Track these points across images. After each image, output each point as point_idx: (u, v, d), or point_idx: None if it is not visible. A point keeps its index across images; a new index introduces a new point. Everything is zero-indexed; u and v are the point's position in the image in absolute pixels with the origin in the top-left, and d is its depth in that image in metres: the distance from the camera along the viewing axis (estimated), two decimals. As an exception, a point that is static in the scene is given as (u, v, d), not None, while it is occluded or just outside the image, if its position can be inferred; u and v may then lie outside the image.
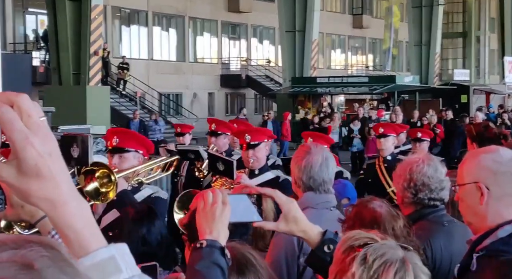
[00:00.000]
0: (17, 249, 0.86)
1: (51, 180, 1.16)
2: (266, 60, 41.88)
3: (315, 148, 3.69)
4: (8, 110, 1.11)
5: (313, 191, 3.59)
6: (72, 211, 1.21)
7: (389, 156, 7.75)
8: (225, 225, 2.13)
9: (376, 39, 50.58)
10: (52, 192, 1.17)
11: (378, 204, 2.97)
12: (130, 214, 3.70)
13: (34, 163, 1.13)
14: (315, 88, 29.78)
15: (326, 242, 2.21)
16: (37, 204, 1.18)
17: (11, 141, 1.12)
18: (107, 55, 28.47)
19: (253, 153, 5.74)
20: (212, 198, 2.14)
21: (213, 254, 2.08)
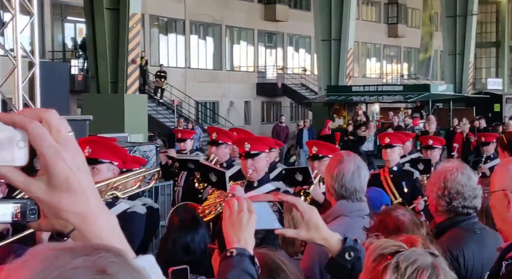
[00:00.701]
0: (88, 256, 0.87)
1: (81, 194, 1.17)
2: (302, 69, 41.88)
3: (347, 156, 3.69)
4: (38, 126, 1.13)
5: (345, 200, 3.59)
6: (103, 225, 1.22)
7: (395, 166, 7.49)
8: (252, 233, 2.14)
9: (411, 48, 50.28)
10: (82, 206, 1.18)
11: (402, 212, 2.97)
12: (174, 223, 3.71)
13: (65, 177, 1.15)
14: (350, 97, 29.69)
15: (347, 249, 2.23)
16: (67, 218, 1.19)
17: (42, 156, 1.14)
18: (144, 64, 28.72)
19: (252, 163, 5.47)
20: (238, 206, 2.14)
21: (244, 263, 2.08)
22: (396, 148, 7.50)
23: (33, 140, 1.12)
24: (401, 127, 21.08)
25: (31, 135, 1.12)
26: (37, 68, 11.66)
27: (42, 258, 0.84)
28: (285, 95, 39.19)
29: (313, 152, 6.31)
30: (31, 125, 1.12)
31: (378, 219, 3.00)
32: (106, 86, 19.96)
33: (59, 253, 0.85)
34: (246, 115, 38.78)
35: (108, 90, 19.99)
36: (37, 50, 11.79)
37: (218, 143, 7.06)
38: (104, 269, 0.86)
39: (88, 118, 13.42)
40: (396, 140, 7.57)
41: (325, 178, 3.74)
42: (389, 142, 7.46)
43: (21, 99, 11.33)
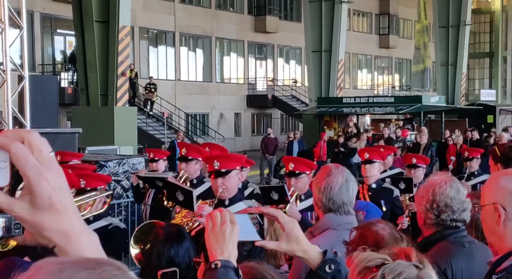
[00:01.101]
0: (92, 269, 0.89)
1: (64, 213, 1.19)
2: (292, 80, 41.96)
3: (335, 169, 3.70)
4: (20, 147, 1.14)
5: (333, 213, 3.60)
6: (85, 243, 1.24)
7: (374, 184, 7.11)
8: (235, 244, 2.15)
9: (403, 59, 50.48)
10: (65, 225, 1.20)
11: (382, 226, 2.99)
12: (159, 236, 3.72)
13: (48, 197, 1.16)
14: (341, 108, 29.73)
15: (327, 262, 2.24)
16: (50, 237, 1.20)
17: (25, 176, 1.15)
18: (134, 76, 28.74)
19: (222, 182, 5.19)
20: (221, 218, 2.15)
21: (228, 275, 2.08)
22: (376, 164, 7.13)
23: (16, 161, 1.14)
24: (392, 139, 21.13)
25: (13, 156, 1.13)
26: (27, 82, 11.65)
27: (47, 273, 0.85)
28: (276, 107, 39.24)
29: (289, 169, 6.09)
30: (14, 146, 1.14)
31: (358, 233, 3.01)
32: (96, 98, 19.95)
33: (63, 267, 0.87)
34: (236, 127, 38.79)
35: (98, 103, 19.98)
36: (27, 63, 11.78)
37: (187, 159, 6.79)
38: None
39: (78, 131, 13.42)
40: (376, 156, 7.18)
41: (313, 191, 3.76)
42: (368, 157, 7.08)
43: (11, 112, 11.32)
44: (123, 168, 10.94)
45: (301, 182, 6.00)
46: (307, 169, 6.04)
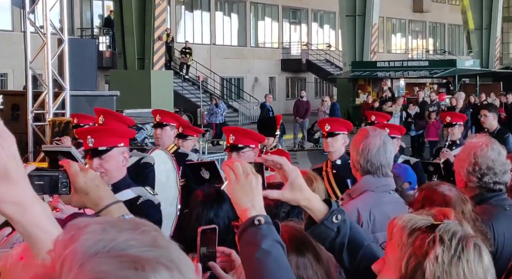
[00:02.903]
0: (133, 230, 0.83)
1: (19, 182, 1.12)
2: (326, 45, 41.60)
3: (373, 132, 3.63)
4: None
5: (371, 175, 3.54)
6: (41, 213, 1.19)
7: (339, 160, 5.92)
8: (262, 197, 2.00)
9: (437, 23, 49.67)
10: (20, 195, 1.14)
11: (447, 188, 2.93)
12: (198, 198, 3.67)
13: (4, 166, 1.09)
14: (375, 72, 29.46)
15: (334, 212, 2.11)
16: (4, 210, 1.14)
17: None
18: (170, 40, 28.71)
19: (100, 163, 3.95)
20: (243, 169, 1.98)
21: (273, 231, 1.95)
22: (340, 136, 5.90)
23: None
24: (426, 103, 20.86)
25: None
26: (66, 45, 11.71)
27: (92, 232, 0.80)
28: (310, 71, 39.01)
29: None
30: None
31: (422, 194, 2.94)
32: (133, 62, 20.02)
33: (105, 227, 0.81)
34: (271, 91, 38.67)
35: (135, 67, 20.05)
36: (66, 27, 11.84)
37: (162, 124, 6.51)
38: (155, 241, 0.83)
39: (116, 93, 13.47)
40: (339, 127, 5.99)
41: (351, 153, 3.69)
42: (329, 129, 5.88)
43: (51, 75, 11.39)
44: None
45: (245, 157, 5.50)
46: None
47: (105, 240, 0.78)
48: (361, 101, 27.10)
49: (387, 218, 3.08)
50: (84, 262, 0.76)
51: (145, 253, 0.79)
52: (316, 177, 3.59)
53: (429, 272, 1.75)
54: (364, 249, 2.11)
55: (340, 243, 2.08)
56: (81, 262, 0.76)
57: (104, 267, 0.76)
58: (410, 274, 1.79)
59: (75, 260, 0.76)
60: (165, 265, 0.79)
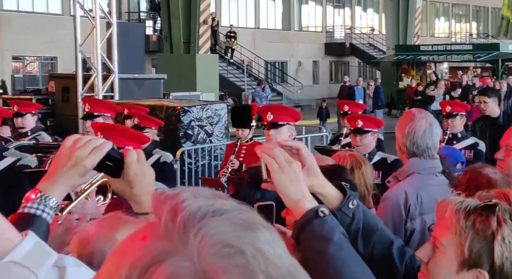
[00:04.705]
0: (215, 198, 0.82)
1: None
2: (370, 28, 41.18)
3: (419, 114, 3.59)
4: None
5: (417, 157, 3.50)
6: None
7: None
8: None
9: (480, 6, 48.76)
10: None
11: (492, 171, 2.89)
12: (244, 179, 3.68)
13: None
14: (418, 56, 29.09)
15: (350, 198, 1.99)
16: None
17: None
18: (215, 24, 28.74)
19: None
20: (284, 156, 1.86)
21: (337, 222, 1.83)
22: (285, 127, 5.25)
23: None
24: (469, 87, 20.54)
25: None
26: (115, 28, 11.80)
27: (187, 195, 0.80)
28: (353, 55, 38.71)
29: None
30: None
31: (466, 177, 2.90)
32: (179, 46, 20.07)
33: (193, 195, 0.80)
34: (314, 74, 38.51)
35: (181, 50, 20.10)
36: (114, 10, 11.92)
37: (93, 116, 6.04)
38: (240, 205, 0.82)
39: (163, 77, 13.57)
40: (283, 116, 5.30)
41: (397, 136, 3.65)
42: (272, 119, 5.19)
43: (100, 58, 11.51)
44: (206, 113, 10.96)
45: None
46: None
47: (205, 205, 0.78)
48: (405, 85, 26.81)
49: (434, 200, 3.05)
50: (198, 224, 0.75)
51: (242, 216, 0.79)
52: (365, 160, 3.57)
53: (498, 254, 1.73)
54: (378, 232, 2.03)
55: (355, 229, 1.98)
56: (197, 225, 0.76)
57: (220, 229, 0.75)
58: (475, 257, 1.76)
59: (191, 224, 0.76)
60: (262, 224, 0.79)
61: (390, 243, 2.04)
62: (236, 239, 0.75)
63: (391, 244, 2.04)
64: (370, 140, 5.50)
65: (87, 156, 1.76)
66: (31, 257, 1.19)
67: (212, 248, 0.74)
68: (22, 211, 1.73)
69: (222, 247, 0.74)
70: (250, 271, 0.72)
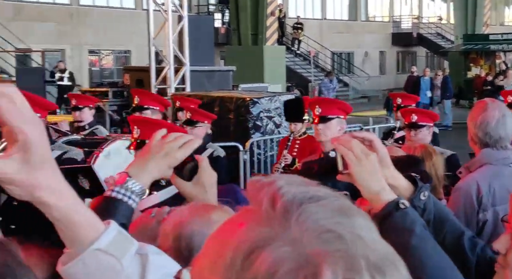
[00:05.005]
0: (306, 186, 0.82)
1: (54, 169, 1.09)
2: (437, 18, 40.42)
3: (491, 104, 3.54)
4: (8, 101, 1.01)
5: (490, 148, 3.46)
6: (74, 197, 1.16)
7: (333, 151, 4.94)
8: None
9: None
10: (56, 182, 1.10)
11: None
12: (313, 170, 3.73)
13: (42, 153, 1.06)
14: (487, 45, 28.40)
15: (422, 189, 1.93)
16: (41, 196, 1.09)
17: (21, 133, 1.02)
18: (282, 16, 28.74)
19: None
20: (360, 148, 1.81)
21: (418, 214, 1.81)
22: (334, 121, 4.85)
23: (11, 116, 1.01)
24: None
25: (6, 111, 1.01)
26: (186, 22, 11.96)
27: (283, 185, 0.80)
28: (421, 45, 38.09)
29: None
30: (3, 101, 1.01)
31: None
32: (247, 38, 20.17)
33: (287, 182, 0.81)
34: (381, 65, 38.08)
35: (249, 42, 20.19)
36: (186, 4, 12.06)
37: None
38: (330, 191, 0.82)
39: (232, 69, 13.67)
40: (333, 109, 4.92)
41: (468, 127, 3.61)
42: (321, 113, 4.86)
43: (172, 51, 11.69)
44: (275, 104, 10.98)
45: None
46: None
47: (300, 192, 0.79)
48: (473, 75, 26.25)
49: (507, 191, 3.04)
50: (297, 210, 0.76)
51: (337, 202, 0.79)
52: (435, 151, 3.56)
53: None
54: (448, 224, 2.00)
55: (426, 220, 1.93)
56: (296, 211, 0.76)
57: (319, 215, 0.76)
58: None
59: (291, 210, 0.76)
60: (356, 210, 0.80)
61: (460, 234, 2.01)
62: (335, 224, 0.75)
63: (462, 235, 2.01)
64: (425, 134, 5.29)
65: (178, 149, 1.81)
66: (115, 245, 1.20)
67: (312, 234, 0.74)
68: (110, 195, 1.74)
69: (322, 233, 0.74)
70: (350, 255, 0.73)
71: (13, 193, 1.06)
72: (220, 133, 9.66)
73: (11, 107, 1.00)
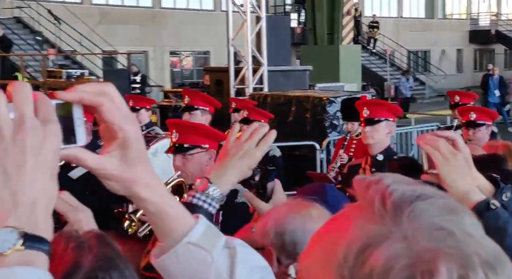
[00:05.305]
0: (412, 184, 0.82)
1: (148, 165, 1.11)
2: (517, 14, 39.32)
3: None
4: (110, 100, 1.03)
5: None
6: (167, 192, 1.18)
7: (380, 154, 4.62)
8: None
9: None
10: (151, 177, 1.12)
11: None
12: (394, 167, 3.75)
13: (138, 150, 1.07)
14: None
15: (504, 190, 1.84)
16: (139, 192, 1.11)
17: (121, 130, 1.05)
18: (358, 15, 28.53)
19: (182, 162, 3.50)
20: (446, 147, 1.76)
21: (507, 214, 1.76)
22: (382, 123, 4.61)
23: (111, 115, 1.03)
24: None
25: (108, 110, 1.03)
26: (264, 22, 12.05)
27: (391, 183, 0.81)
28: (499, 42, 37.10)
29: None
30: (105, 99, 1.03)
31: None
32: (323, 37, 20.13)
33: (394, 181, 0.82)
34: (458, 63, 37.30)
35: (325, 42, 20.15)
36: (264, 4, 12.15)
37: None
38: (432, 189, 0.83)
39: (308, 68, 13.69)
40: (382, 112, 4.64)
41: None
42: (368, 115, 4.60)
43: (250, 52, 11.81)
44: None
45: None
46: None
47: (408, 190, 0.80)
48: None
49: None
50: (408, 208, 0.77)
51: (444, 200, 0.80)
52: None
53: None
54: None
55: None
56: (407, 208, 0.77)
57: (430, 212, 0.77)
58: None
59: (402, 208, 0.77)
60: (462, 208, 0.81)
61: None
62: (445, 222, 0.76)
63: None
64: (483, 133, 5.10)
65: (256, 147, 1.77)
66: (205, 238, 1.22)
67: (424, 231, 0.75)
68: (190, 201, 1.75)
69: (434, 230, 0.75)
70: (463, 252, 0.74)
71: (112, 188, 1.09)
72: (297, 132, 9.73)
73: (112, 106, 1.02)
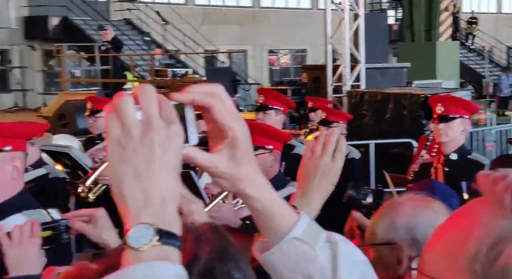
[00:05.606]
0: None
1: (254, 163, 1.13)
2: None
3: None
4: (222, 101, 1.06)
5: None
6: (271, 189, 1.18)
7: (454, 153, 4.40)
8: None
9: None
10: (256, 175, 1.14)
11: None
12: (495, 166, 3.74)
13: (246, 149, 1.10)
14: None
15: None
16: (246, 190, 1.14)
17: (231, 130, 1.08)
18: (456, 11, 27.89)
19: None
20: None
21: None
22: (457, 121, 4.38)
23: (222, 115, 1.07)
24: None
25: (218, 111, 1.06)
26: (362, 20, 12.00)
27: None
28: None
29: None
30: (215, 101, 1.06)
31: None
32: (420, 34, 19.86)
33: None
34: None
35: (422, 38, 19.86)
36: (361, 2, 12.11)
37: (267, 107, 5.68)
38: None
39: (406, 65, 13.54)
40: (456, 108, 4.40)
41: None
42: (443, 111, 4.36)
43: (348, 49, 11.80)
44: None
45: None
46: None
47: None
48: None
49: None
50: None
51: None
52: None
53: None
54: None
55: None
56: None
57: None
58: None
59: None
60: None
61: None
62: None
63: None
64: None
65: (332, 160, 1.58)
66: (308, 233, 1.22)
67: None
68: None
69: None
70: None
71: (221, 185, 1.13)
72: (394, 130, 9.66)
73: (222, 107, 1.06)
